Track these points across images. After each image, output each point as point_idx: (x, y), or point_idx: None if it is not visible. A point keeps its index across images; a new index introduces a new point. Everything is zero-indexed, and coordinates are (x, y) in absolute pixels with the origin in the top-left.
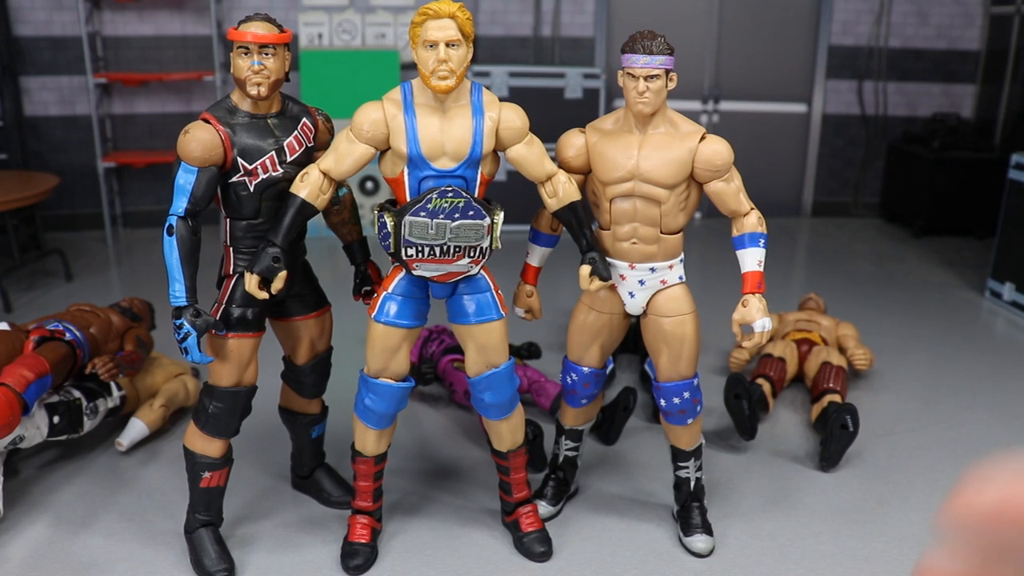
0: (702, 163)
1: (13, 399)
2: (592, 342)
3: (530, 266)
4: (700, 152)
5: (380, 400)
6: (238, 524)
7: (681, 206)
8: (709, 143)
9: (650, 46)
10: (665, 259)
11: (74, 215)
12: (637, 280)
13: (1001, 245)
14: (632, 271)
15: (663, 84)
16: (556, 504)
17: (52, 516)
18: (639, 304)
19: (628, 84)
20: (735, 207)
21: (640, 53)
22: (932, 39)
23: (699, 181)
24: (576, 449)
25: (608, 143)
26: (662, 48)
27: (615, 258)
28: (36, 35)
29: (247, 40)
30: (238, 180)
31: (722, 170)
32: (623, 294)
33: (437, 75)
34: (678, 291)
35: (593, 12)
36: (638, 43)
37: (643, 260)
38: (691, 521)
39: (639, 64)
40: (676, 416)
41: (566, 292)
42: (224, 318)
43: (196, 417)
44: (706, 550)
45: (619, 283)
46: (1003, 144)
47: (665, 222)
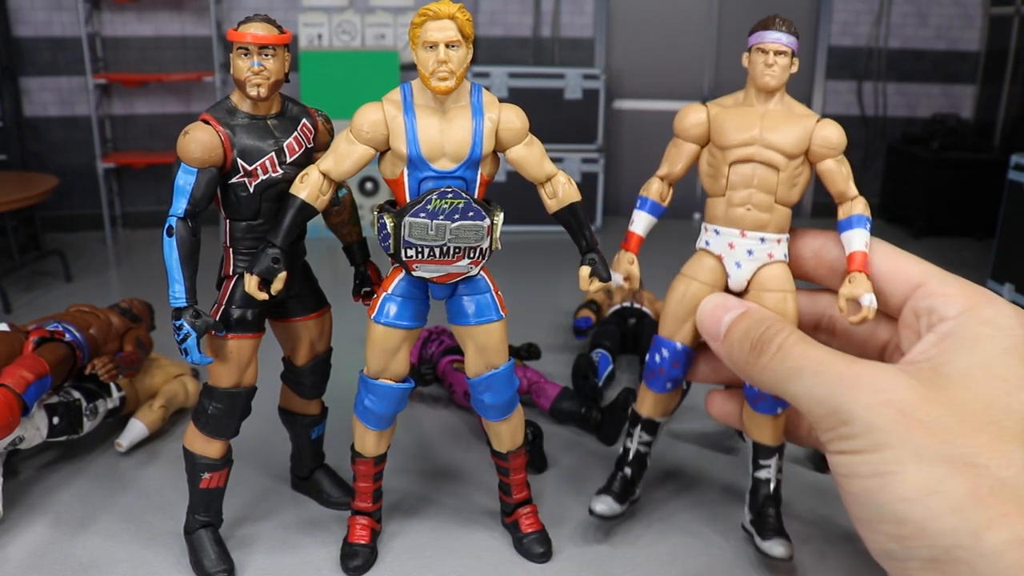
0: (819, 141)
1: (12, 400)
2: (688, 317)
3: (633, 234)
4: (817, 131)
5: (380, 401)
6: (238, 525)
7: (795, 180)
8: (826, 124)
9: (781, 25)
10: (776, 230)
11: (74, 216)
12: (746, 250)
13: (1001, 246)
14: (743, 239)
15: (789, 62)
16: (622, 503)
17: (51, 517)
18: (744, 277)
19: (757, 59)
20: (843, 188)
21: (773, 29)
22: (932, 40)
23: (813, 161)
24: (649, 445)
25: (731, 114)
26: (792, 29)
27: (726, 225)
28: (36, 36)
29: (247, 41)
30: (238, 181)
31: (837, 149)
32: (729, 265)
33: (437, 76)
34: (782, 269)
35: (593, 13)
36: (771, 22)
37: (755, 228)
38: (768, 525)
39: (770, 39)
40: (767, 403)
41: (566, 293)
42: (224, 319)
43: (196, 418)
44: (786, 554)
45: (727, 253)
46: (1003, 145)
47: (780, 191)
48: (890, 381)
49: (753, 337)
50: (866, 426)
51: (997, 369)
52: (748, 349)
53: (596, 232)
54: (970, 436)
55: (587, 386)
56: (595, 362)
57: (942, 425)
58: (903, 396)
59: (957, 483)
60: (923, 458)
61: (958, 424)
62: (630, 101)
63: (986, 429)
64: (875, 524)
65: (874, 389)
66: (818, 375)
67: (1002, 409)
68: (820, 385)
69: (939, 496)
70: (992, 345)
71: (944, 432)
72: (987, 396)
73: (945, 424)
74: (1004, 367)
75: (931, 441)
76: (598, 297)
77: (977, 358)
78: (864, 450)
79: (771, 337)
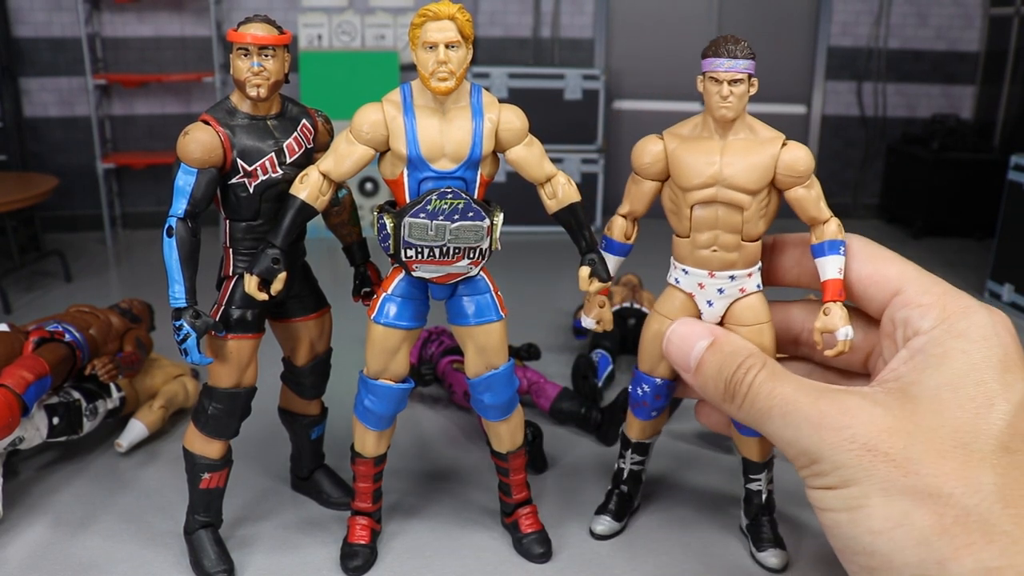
0: (784, 169)
1: (12, 400)
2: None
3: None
4: (782, 158)
5: (380, 401)
6: (238, 525)
7: (762, 213)
8: (791, 149)
9: (734, 50)
10: (745, 267)
11: (74, 216)
12: (716, 288)
13: (1000, 246)
14: (711, 279)
15: (746, 89)
16: (620, 520)
17: (51, 517)
18: (716, 313)
19: (711, 89)
20: (815, 214)
21: (724, 57)
22: (931, 40)
23: (780, 188)
24: (642, 464)
25: (688, 149)
26: (746, 52)
27: (693, 266)
28: (36, 36)
29: (246, 41)
30: (237, 181)
31: (804, 176)
32: (700, 303)
33: (436, 77)
34: (756, 300)
35: (592, 13)
36: (722, 47)
37: (723, 268)
38: (762, 535)
39: (723, 68)
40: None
41: (566, 293)
42: (224, 319)
43: (195, 418)
44: (780, 565)
45: (697, 292)
46: (1002, 145)
47: (746, 229)
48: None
49: (726, 376)
50: (834, 464)
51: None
52: (722, 391)
53: (596, 232)
54: (936, 464)
55: (587, 386)
56: (595, 362)
57: (908, 456)
58: (867, 430)
59: (922, 515)
60: (889, 491)
61: (923, 453)
62: (630, 101)
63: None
64: (848, 555)
65: (838, 427)
66: (785, 416)
67: (969, 432)
68: (787, 427)
69: (905, 529)
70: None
71: (909, 463)
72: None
73: (911, 454)
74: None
75: (896, 473)
76: None
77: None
78: (835, 486)
79: (741, 379)
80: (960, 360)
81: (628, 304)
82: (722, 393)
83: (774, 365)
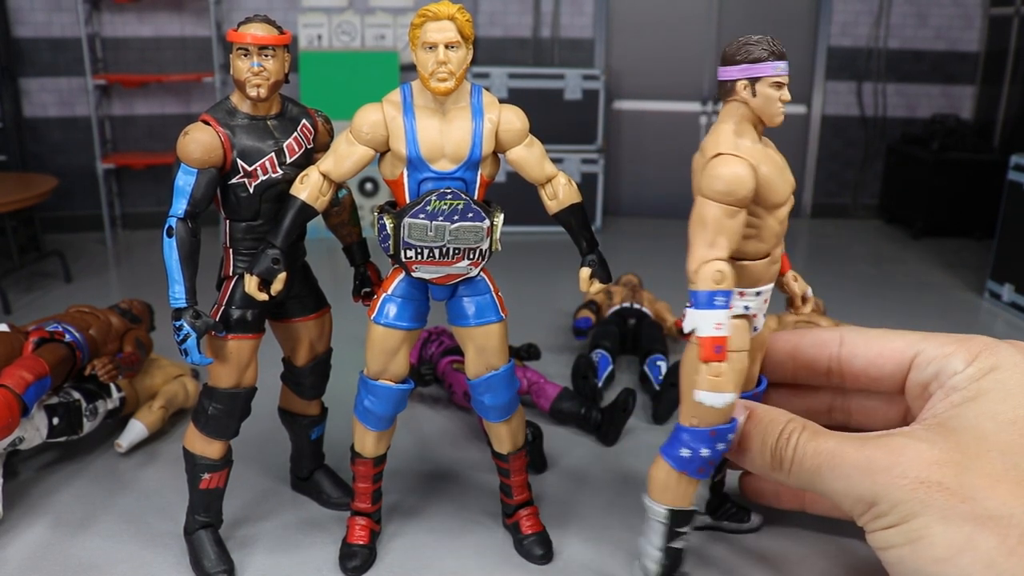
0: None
1: (12, 401)
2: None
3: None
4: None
5: (380, 402)
6: (238, 525)
7: None
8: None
9: (783, 51)
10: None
11: (73, 217)
12: (763, 301)
13: (1000, 246)
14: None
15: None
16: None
17: (51, 518)
18: (757, 329)
19: (772, 94)
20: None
21: (783, 59)
22: (931, 40)
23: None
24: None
25: (767, 164)
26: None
27: (768, 283)
28: (35, 36)
29: (246, 42)
30: (237, 182)
31: None
32: (757, 322)
33: (436, 77)
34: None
35: (592, 13)
36: (776, 47)
37: (772, 279)
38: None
39: (784, 72)
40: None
41: (566, 293)
42: (224, 319)
43: (195, 418)
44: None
45: (760, 309)
46: (1002, 145)
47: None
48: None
49: (770, 446)
50: (891, 502)
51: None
52: (769, 461)
53: (596, 232)
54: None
55: (587, 387)
56: (595, 362)
57: (961, 483)
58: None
59: (985, 538)
60: (949, 519)
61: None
62: (630, 101)
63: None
64: None
65: (888, 466)
66: (835, 469)
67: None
68: (838, 479)
69: (970, 554)
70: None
71: (964, 490)
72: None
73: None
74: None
75: (953, 501)
76: (598, 298)
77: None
78: (895, 523)
79: (785, 444)
80: (996, 390)
81: (628, 304)
82: (769, 463)
83: (813, 425)
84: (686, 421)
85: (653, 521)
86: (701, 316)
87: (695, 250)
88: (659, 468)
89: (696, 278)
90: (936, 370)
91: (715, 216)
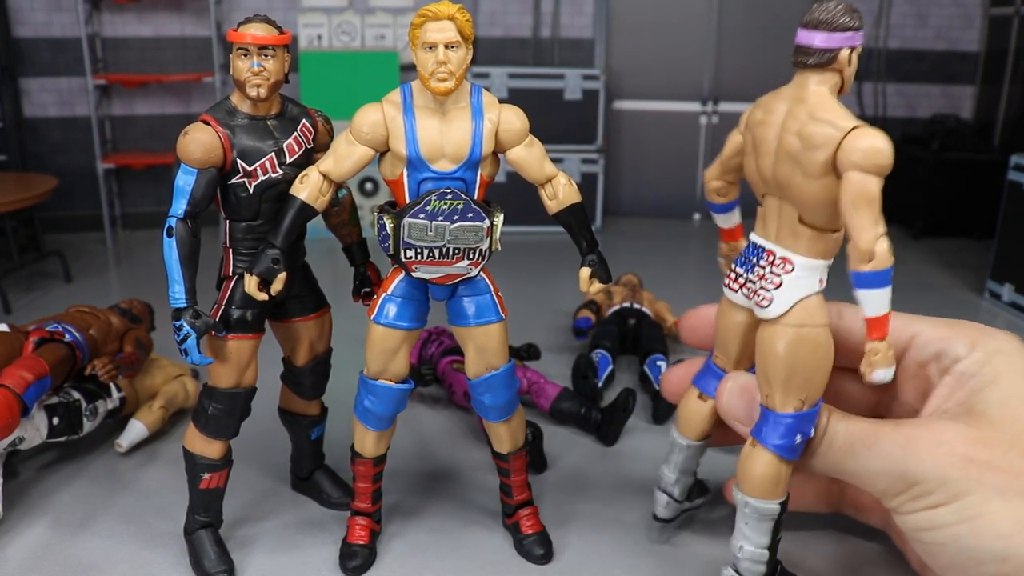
0: None
1: (12, 401)
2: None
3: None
4: None
5: (379, 402)
6: (238, 525)
7: None
8: None
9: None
10: None
11: (73, 217)
12: None
13: (1000, 246)
14: None
15: None
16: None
17: (51, 518)
18: None
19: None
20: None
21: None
22: (931, 40)
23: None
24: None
25: None
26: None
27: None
28: (35, 36)
29: (246, 42)
30: (237, 182)
31: None
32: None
33: (436, 77)
34: None
35: (592, 13)
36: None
37: None
38: None
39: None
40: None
41: (566, 294)
42: (223, 319)
43: (195, 418)
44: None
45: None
46: (1002, 145)
47: None
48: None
49: None
50: (939, 480)
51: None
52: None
53: (596, 232)
54: None
55: (587, 386)
56: (595, 362)
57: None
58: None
59: None
60: (1006, 495)
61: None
62: (630, 102)
63: None
64: (972, 568)
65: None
66: (871, 447)
67: None
68: (875, 457)
69: None
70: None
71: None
72: None
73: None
74: None
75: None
76: (598, 298)
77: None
78: (944, 502)
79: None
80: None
81: (628, 305)
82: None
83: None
84: (787, 407)
85: (761, 521)
86: (882, 295)
87: (867, 227)
88: (766, 465)
89: (877, 255)
90: (936, 351)
91: (879, 190)
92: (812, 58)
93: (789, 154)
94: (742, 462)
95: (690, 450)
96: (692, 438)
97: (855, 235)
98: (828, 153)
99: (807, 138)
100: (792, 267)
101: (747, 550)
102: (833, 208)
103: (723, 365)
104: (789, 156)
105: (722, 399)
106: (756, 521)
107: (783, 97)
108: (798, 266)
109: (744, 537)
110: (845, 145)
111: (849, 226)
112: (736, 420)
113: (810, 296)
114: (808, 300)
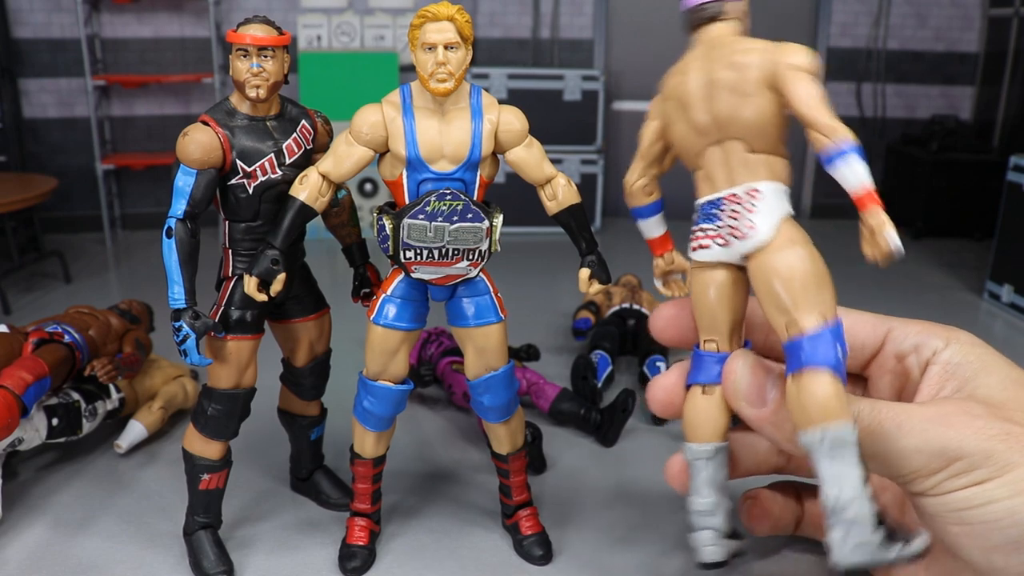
0: None
1: (12, 401)
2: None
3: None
4: None
5: (379, 402)
6: (237, 526)
7: None
8: None
9: None
10: None
11: (73, 217)
12: None
13: (999, 247)
14: None
15: None
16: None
17: (51, 518)
18: None
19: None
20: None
21: None
22: (930, 41)
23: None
24: None
25: None
26: None
27: None
28: (35, 37)
29: (246, 42)
30: (237, 182)
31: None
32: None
33: (435, 78)
34: None
35: (592, 14)
36: None
37: None
38: None
39: None
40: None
41: (565, 294)
42: (223, 320)
43: (195, 419)
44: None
45: None
46: (1002, 146)
47: None
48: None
49: None
50: (984, 453)
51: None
52: None
53: (595, 233)
54: None
55: (586, 387)
56: (594, 363)
57: None
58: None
59: None
60: None
61: None
62: (629, 102)
63: None
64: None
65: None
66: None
67: None
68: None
69: None
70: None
71: None
72: None
73: None
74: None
75: None
76: (597, 299)
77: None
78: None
79: None
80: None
81: (627, 305)
82: None
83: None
84: (813, 323)
85: (845, 449)
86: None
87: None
88: (825, 385)
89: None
90: (915, 343)
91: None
92: (707, 11)
93: (725, 85)
94: (794, 402)
95: (715, 457)
96: (711, 440)
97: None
98: (765, 70)
99: (739, 65)
100: (760, 192)
101: (847, 493)
102: (778, 127)
103: (716, 347)
104: (725, 87)
105: (734, 375)
106: (840, 450)
107: (694, 56)
108: (766, 191)
109: (835, 482)
110: (778, 57)
111: (816, 125)
112: (746, 400)
113: (788, 217)
114: (789, 219)
